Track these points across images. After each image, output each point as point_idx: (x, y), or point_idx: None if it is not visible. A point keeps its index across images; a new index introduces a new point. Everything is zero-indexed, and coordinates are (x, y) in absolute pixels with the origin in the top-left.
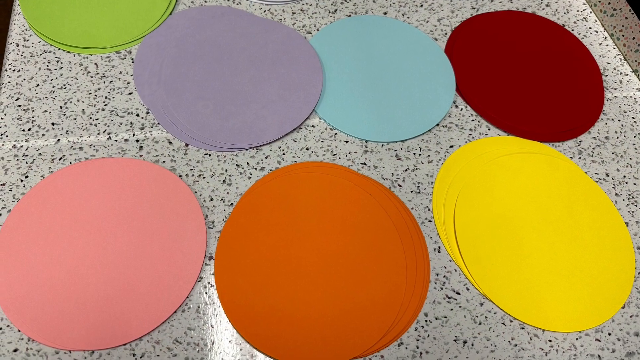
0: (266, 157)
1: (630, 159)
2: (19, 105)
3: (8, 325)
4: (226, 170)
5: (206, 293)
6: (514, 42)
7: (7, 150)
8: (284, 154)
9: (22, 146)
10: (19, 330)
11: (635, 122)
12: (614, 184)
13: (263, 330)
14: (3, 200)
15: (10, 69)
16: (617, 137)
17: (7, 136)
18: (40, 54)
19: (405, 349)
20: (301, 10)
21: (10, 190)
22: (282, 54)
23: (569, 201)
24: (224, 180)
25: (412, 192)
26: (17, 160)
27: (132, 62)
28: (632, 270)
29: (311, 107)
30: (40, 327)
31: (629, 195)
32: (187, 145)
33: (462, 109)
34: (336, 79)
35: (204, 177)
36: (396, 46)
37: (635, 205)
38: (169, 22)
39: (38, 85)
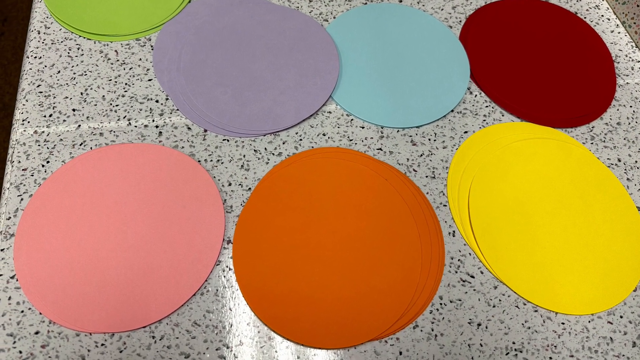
0: (283, 143)
1: None
2: (40, 92)
3: (29, 308)
4: (244, 156)
5: (224, 276)
6: (527, 29)
7: (28, 136)
8: (301, 140)
9: (43, 132)
10: (40, 313)
11: None
12: (625, 169)
13: (280, 313)
14: (25, 185)
15: (31, 55)
16: (629, 123)
17: (28, 122)
18: (61, 42)
19: (420, 331)
20: None
21: (32, 175)
22: (299, 41)
23: (581, 186)
24: (242, 166)
25: (427, 177)
26: (39, 145)
27: (152, 50)
28: None
29: (328, 93)
30: (61, 310)
31: None
32: (205, 131)
33: (476, 96)
34: (352, 65)
35: (222, 163)
36: (412, 33)
37: None
38: (188, 9)
39: (59, 72)
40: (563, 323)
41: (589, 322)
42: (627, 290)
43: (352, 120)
